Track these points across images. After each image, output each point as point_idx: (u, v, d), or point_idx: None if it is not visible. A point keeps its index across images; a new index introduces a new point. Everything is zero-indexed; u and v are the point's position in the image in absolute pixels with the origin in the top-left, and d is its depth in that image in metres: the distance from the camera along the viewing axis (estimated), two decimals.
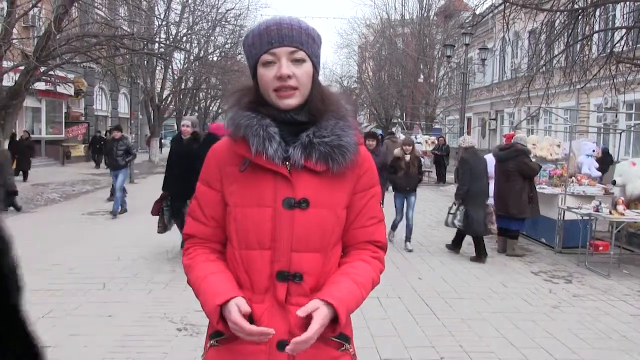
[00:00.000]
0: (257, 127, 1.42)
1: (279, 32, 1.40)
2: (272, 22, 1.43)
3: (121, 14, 15.80)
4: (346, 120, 1.49)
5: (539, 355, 4.21)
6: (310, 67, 1.44)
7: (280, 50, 1.40)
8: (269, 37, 1.41)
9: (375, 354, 4.08)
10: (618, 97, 13.34)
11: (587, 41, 9.23)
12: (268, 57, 1.41)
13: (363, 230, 1.55)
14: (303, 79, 1.42)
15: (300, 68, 1.42)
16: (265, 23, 1.44)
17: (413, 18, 29.81)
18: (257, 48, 1.43)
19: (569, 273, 6.85)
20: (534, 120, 21.92)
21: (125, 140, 10.98)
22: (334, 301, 1.37)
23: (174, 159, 6.82)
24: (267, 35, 1.41)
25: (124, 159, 10.65)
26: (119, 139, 10.78)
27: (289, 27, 1.42)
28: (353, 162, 1.48)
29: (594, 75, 9.37)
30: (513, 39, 21.08)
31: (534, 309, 5.36)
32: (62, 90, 17.60)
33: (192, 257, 1.54)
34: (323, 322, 1.35)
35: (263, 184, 1.44)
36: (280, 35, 1.40)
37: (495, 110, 28.31)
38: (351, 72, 39.10)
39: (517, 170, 7.57)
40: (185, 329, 4.46)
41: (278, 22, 1.42)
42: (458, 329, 4.71)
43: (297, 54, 1.42)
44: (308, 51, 1.44)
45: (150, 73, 23.88)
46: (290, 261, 1.44)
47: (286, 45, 1.40)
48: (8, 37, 10.11)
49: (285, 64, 1.40)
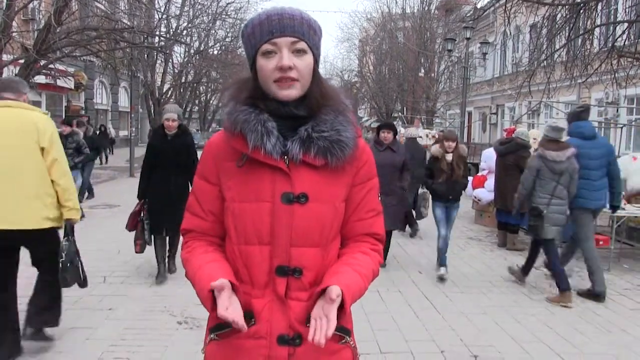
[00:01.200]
0: (255, 122, 1.40)
1: (281, 22, 1.37)
2: (273, 11, 1.40)
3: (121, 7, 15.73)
4: (345, 115, 1.48)
5: (539, 349, 4.22)
6: (311, 59, 1.42)
7: (281, 40, 1.37)
8: (269, 27, 1.37)
9: (375, 347, 4.09)
10: (619, 92, 13.29)
11: (588, 35, 9.18)
12: (268, 46, 1.38)
13: (362, 222, 1.55)
14: (304, 70, 1.40)
15: (301, 59, 1.39)
16: (266, 12, 1.40)
17: (414, 12, 29.71)
18: (257, 37, 1.39)
19: (569, 267, 6.84)
20: (535, 114, 21.88)
21: (76, 136, 9.33)
22: (343, 288, 1.35)
23: (158, 159, 5.51)
24: (268, 24, 1.38)
25: (73, 160, 8.71)
26: (68, 135, 9.07)
27: (291, 16, 1.39)
28: (352, 156, 1.47)
29: (595, 69, 9.33)
30: (514, 33, 20.98)
31: (533, 303, 5.36)
32: (62, 84, 17.56)
33: (190, 250, 1.54)
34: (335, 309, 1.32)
35: (261, 179, 1.43)
36: (281, 25, 1.37)
37: (496, 104, 28.25)
38: (352, 66, 39.02)
39: (517, 165, 7.56)
40: (185, 322, 4.47)
41: (279, 11, 1.39)
42: (458, 322, 4.72)
43: (299, 45, 1.39)
44: (309, 42, 1.41)
45: (151, 67, 23.81)
46: (290, 256, 1.43)
47: (288, 35, 1.37)
48: (8, 30, 10.06)
49: (287, 55, 1.37)
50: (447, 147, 6.14)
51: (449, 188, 6.08)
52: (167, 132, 5.53)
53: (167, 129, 5.51)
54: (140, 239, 5.54)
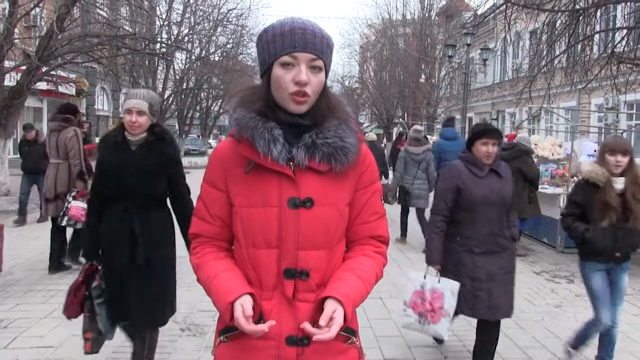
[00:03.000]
0: (263, 130, 1.44)
1: (303, 37, 1.41)
2: (297, 24, 1.43)
3: (123, 14, 15.80)
4: (348, 122, 1.53)
5: (542, 355, 4.21)
6: (324, 76, 1.47)
7: (302, 56, 1.41)
8: (292, 40, 1.41)
9: (378, 353, 4.09)
10: (619, 97, 13.32)
11: (588, 41, 9.22)
12: (288, 59, 1.42)
13: (366, 225, 1.60)
14: (316, 87, 1.45)
15: (316, 76, 1.44)
16: (290, 24, 1.43)
17: (414, 18, 29.77)
18: (278, 47, 1.42)
19: (571, 273, 6.85)
20: (536, 120, 21.91)
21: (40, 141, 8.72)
22: (341, 297, 1.42)
23: (112, 185, 3.07)
24: (290, 37, 1.41)
25: None
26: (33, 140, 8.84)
27: (312, 33, 1.42)
28: (355, 162, 1.52)
29: (595, 75, 9.37)
30: (514, 39, 21.06)
31: (536, 309, 5.36)
32: (63, 90, 17.62)
33: (200, 256, 1.58)
34: (341, 322, 1.39)
35: (268, 185, 1.47)
36: (304, 41, 1.41)
37: (496, 110, 28.30)
38: (352, 72, 39.10)
39: (520, 170, 7.57)
40: (188, 329, 4.47)
41: (302, 26, 1.42)
42: (461, 329, 4.71)
43: (317, 62, 1.44)
44: (325, 60, 1.46)
45: (152, 73, 23.87)
46: (297, 259, 1.47)
47: (308, 52, 1.41)
48: (10, 37, 10.11)
49: (304, 70, 1.41)
50: (614, 164, 3.48)
51: (617, 238, 3.50)
52: (128, 134, 3.09)
53: (130, 129, 3.05)
54: (91, 331, 3.16)
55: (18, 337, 4.22)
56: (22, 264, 6.36)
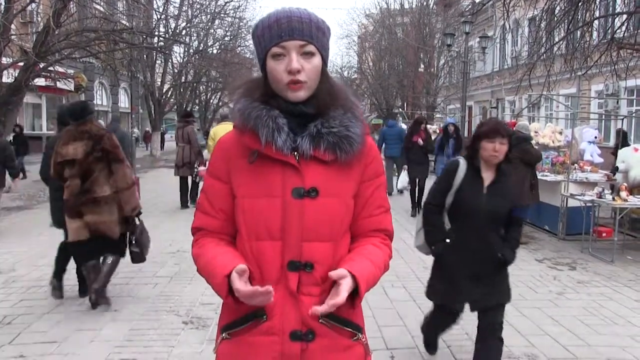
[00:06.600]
0: (267, 119, 1.43)
1: (289, 25, 1.39)
2: (282, 14, 1.42)
3: (120, 8, 15.72)
4: (353, 112, 1.51)
5: (545, 342, 4.22)
6: (319, 61, 1.44)
7: (290, 44, 1.40)
8: (279, 30, 1.40)
9: (381, 343, 4.10)
10: (619, 83, 13.26)
11: (587, 27, 9.16)
12: (277, 49, 1.41)
13: (371, 219, 1.57)
14: (311, 73, 1.42)
15: (309, 62, 1.42)
16: (275, 15, 1.42)
17: (412, 7, 29.68)
18: (267, 40, 1.42)
19: (573, 260, 6.85)
20: (535, 107, 21.86)
21: None
22: (356, 273, 1.39)
23: None
24: (277, 27, 1.40)
25: None
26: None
27: (299, 19, 1.41)
28: (360, 152, 1.50)
29: (595, 61, 9.31)
30: (513, 27, 20.95)
31: (538, 296, 5.37)
32: (62, 86, 17.60)
33: (201, 246, 1.55)
34: (349, 290, 1.37)
35: (272, 175, 1.45)
36: (290, 28, 1.39)
37: (496, 98, 28.20)
38: (351, 62, 39.01)
39: (520, 158, 7.55)
40: (191, 322, 4.48)
41: (288, 14, 1.41)
42: (464, 317, 4.71)
43: (307, 48, 1.41)
44: (317, 44, 1.43)
45: (150, 67, 23.84)
46: (301, 251, 1.44)
47: (296, 39, 1.40)
48: (6, 33, 10.07)
49: (295, 58, 1.40)
50: None
51: None
52: None
53: None
54: None
55: (22, 332, 4.23)
56: (25, 260, 6.39)
